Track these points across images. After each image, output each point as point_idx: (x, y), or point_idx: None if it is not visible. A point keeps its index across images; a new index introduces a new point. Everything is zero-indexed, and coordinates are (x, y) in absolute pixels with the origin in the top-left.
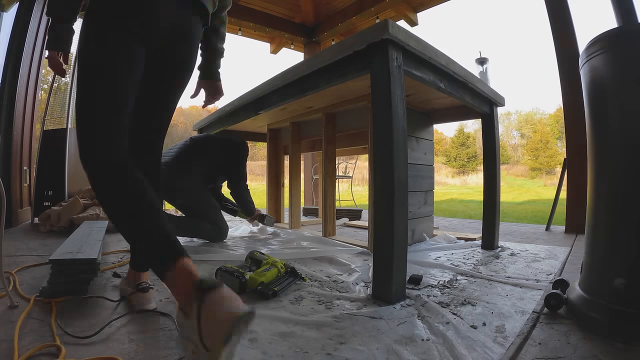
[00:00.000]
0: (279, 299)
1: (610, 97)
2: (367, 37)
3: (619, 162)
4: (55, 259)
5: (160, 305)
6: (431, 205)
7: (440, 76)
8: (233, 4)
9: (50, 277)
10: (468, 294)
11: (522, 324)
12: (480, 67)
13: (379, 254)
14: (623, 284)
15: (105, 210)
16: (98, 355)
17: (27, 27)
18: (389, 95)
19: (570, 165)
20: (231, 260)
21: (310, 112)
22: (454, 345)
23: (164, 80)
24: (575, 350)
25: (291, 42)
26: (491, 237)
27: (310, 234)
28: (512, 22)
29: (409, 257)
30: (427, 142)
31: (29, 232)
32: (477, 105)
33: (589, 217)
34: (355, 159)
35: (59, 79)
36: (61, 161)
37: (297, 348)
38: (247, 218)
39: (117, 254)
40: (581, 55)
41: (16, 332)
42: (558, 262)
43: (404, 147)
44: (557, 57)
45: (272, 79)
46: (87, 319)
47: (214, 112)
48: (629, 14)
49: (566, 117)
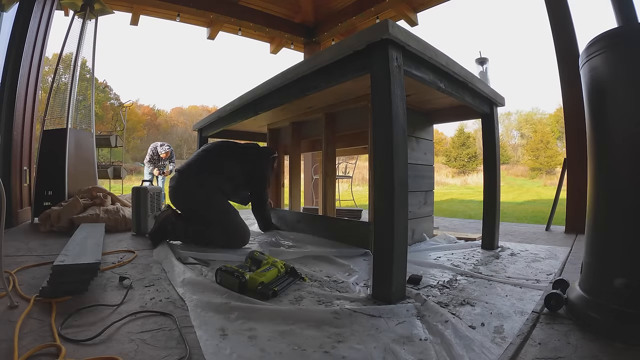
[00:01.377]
0: (279, 299)
1: (610, 97)
2: (367, 37)
3: (619, 162)
4: (58, 264)
5: (160, 305)
6: (431, 205)
7: (440, 76)
8: (233, 4)
9: (50, 277)
10: (467, 294)
11: (520, 325)
12: (480, 67)
13: (379, 254)
14: (623, 284)
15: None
16: (98, 356)
17: (27, 27)
18: (389, 95)
19: (570, 165)
20: (231, 260)
21: (310, 112)
22: (451, 345)
23: None
24: (575, 350)
25: (291, 42)
26: (491, 237)
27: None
28: (512, 22)
29: (409, 257)
30: (427, 142)
31: (29, 232)
32: (477, 105)
33: (589, 217)
34: (355, 159)
35: (59, 79)
36: (61, 161)
37: (296, 346)
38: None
39: (117, 254)
40: (581, 55)
41: (16, 332)
42: (558, 262)
43: (404, 147)
44: (557, 57)
45: (272, 79)
46: (87, 319)
47: (214, 112)
48: (629, 14)
49: (566, 117)
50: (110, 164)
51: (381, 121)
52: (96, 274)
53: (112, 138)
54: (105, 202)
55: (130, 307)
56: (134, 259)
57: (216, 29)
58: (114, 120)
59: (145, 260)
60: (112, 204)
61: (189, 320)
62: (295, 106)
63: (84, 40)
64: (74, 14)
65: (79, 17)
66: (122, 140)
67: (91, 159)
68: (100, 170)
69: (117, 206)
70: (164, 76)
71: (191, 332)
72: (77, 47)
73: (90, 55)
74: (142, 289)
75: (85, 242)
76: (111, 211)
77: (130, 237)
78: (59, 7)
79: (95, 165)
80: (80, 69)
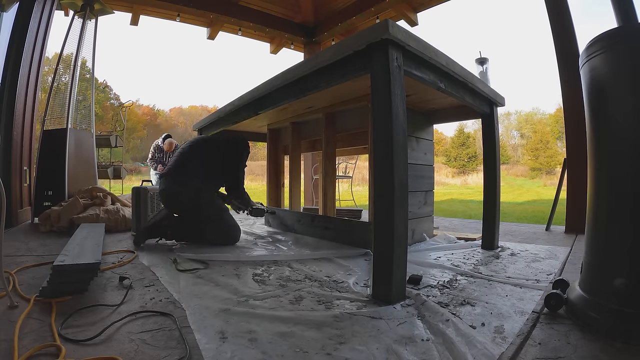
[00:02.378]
0: (279, 299)
1: (610, 97)
2: (367, 37)
3: (619, 162)
4: (58, 264)
5: (160, 305)
6: (431, 205)
7: (440, 76)
8: (233, 4)
9: (51, 277)
10: (468, 294)
11: (521, 325)
12: (480, 67)
13: (379, 254)
14: (623, 284)
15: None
16: (98, 356)
17: (27, 27)
18: (389, 95)
19: (570, 165)
20: (246, 261)
21: (310, 112)
22: (453, 343)
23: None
24: (575, 350)
25: (291, 42)
26: (491, 237)
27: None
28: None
29: (409, 257)
30: (427, 142)
31: (29, 232)
32: (477, 105)
33: (589, 217)
34: (355, 159)
35: (59, 79)
36: (61, 161)
37: (297, 348)
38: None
39: (117, 254)
40: (581, 55)
41: (16, 332)
42: (558, 262)
43: (404, 147)
44: (557, 57)
45: (272, 79)
46: (87, 319)
47: (214, 112)
48: (629, 14)
49: (566, 117)
50: (110, 164)
51: (381, 121)
52: (96, 274)
53: (112, 138)
54: (105, 202)
55: (130, 307)
56: (134, 259)
57: (216, 29)
58: (114, 120)
59: (145, 260)
60: (112, 204)
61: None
62: (295, 106)
63: (84, 40)
64: (74, 14)
65: (79, 17)
66: (122, 140)
67: (91, 159)
68: (100, 170)
69: (117, 206)
70: (164, 76)
71: (191, 332)
72: (77, 47)
73: (90, 55)
74: (142, 289)
75: (85, 242)
76: (111, 211)
77: (130, 237)
78: (59, 7)
79: (95, 165)
80: (80, 69)
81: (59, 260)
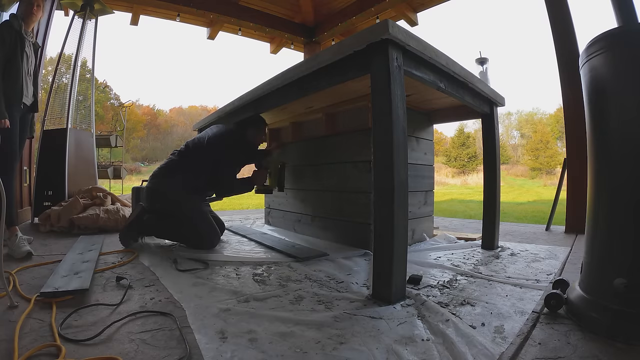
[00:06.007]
0: (280, 299)
1: (610, 97)
2: (367, 37)
3: (618, 162)
4: (45, 291)
5: (160, 305)
6: (431, 205)
7: (440, 76)
8: (233, 4)
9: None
10: (467, 294)
11: (521, 325)
12: (480, 67)
13: (379, 254)
14: (623, 284)
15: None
16: (98, 356)
17: None
18: (389, 95)
19: (570, 165)
20: (246, 261)
21: (310, 112)
22: (453, 345)
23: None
24: (575, 350)
25: (291, 42)
26: (491, 237)
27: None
28: (512, 22)
29: (409, 257)
30: (427, 142)
31: (29, 232)
32: (477, 105)
33: (589, 217)
34: None
35: (59, 79)
36: (61, 161)
37: (297, 348)
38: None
39: (117, 254)
40: (581, 55)
41: (16, 332)
42: (558, 262)
43: (404, 147)
44: (557, 57)
45: (272, 79)
46: (87, 319)
47: (214, 112)
48: (629, 14)
49: (566, 116)
50: (110, 164)
51: (381, 121)
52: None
53: (112, 138)
54: (105, 202)
55: (130, 307)
56: (133, 259)
57: (216, 29)
58: (114, 120)
59: (145, 260)
60: (112, 204)
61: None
62: (295, 106)
63: (84, 40)
64: (74, 14)
65: (79, 17)
66: (122, 140)
67: (91, 159)
68: (100, 170)
69: (117, 206)
70: (164, 76)
71: (191, 332)
72: (77, 47)
73: (90, 55)
74: (142, 289)
75: (79, 263)
76: (111, 211)
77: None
78: (59, 7)
79: (95, 165)
80: (81, 69)
81: (47, 286)
